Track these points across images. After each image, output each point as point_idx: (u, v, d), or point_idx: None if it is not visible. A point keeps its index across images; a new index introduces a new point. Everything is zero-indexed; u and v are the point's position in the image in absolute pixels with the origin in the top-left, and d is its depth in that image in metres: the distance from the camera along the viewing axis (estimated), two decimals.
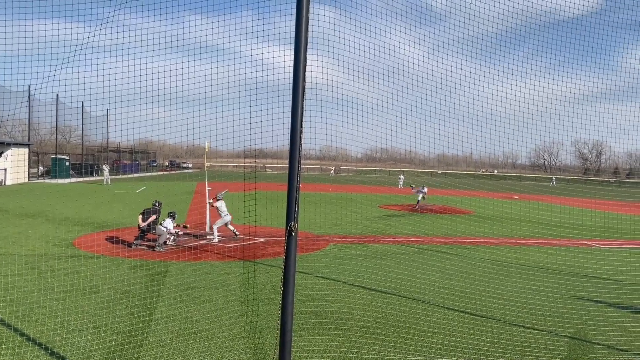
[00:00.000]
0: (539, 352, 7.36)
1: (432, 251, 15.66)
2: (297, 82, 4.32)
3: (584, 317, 9.26)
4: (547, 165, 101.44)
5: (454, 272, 12.51)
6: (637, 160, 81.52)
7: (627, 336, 8.19)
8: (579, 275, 12.71)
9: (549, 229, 21.65)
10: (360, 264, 13.13)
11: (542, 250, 16.86)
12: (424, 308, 9.43)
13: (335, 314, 8.82)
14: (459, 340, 7.77)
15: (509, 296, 10.43)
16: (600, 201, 40.89)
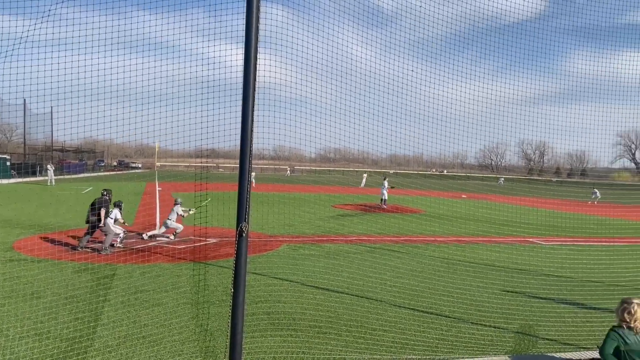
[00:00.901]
0: (486, 347, 7.59)
1: (384, 250, 15.88)
2: (248, 81, 4.28)
3: (528, 312, 9.63)
4: (494, 165, 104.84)
5: (405, 270, 12.73)
6: (577, 160, 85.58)
7: (567, 330, 8.57)
8: (524, 272, 13.21)
9: (495, 227, 22.41)
10: (313, 263, 13.15)
11: (489, 247, 17.42)
12: (375, 306, 9.55)
13: (287, 315, 8.79)
14: (409, 337, 7.91)
15: (457, 293, 10.71)
16: (543, 200, 42.73)
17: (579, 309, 10.06)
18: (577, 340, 7.98)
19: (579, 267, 13.76)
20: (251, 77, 4.28)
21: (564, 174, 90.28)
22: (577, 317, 9.42)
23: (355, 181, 63.02)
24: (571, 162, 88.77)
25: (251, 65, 4.28)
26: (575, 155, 77.67)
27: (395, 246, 16.80)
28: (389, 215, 27.56)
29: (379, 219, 25.30)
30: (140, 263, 12.55)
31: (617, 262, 14.65)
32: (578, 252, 16.92)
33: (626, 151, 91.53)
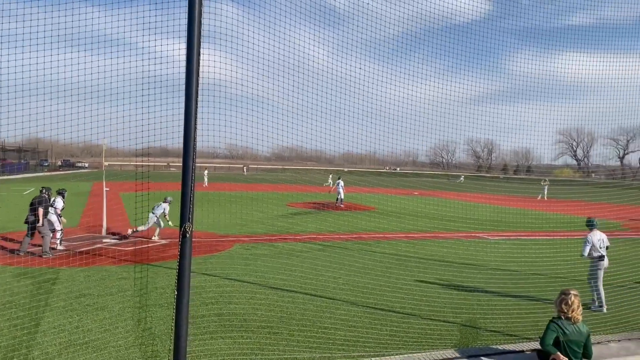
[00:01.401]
0: (435, 340, 7.73)
1: (337, 248, 15.96)
2: (191, 78, 4.16)
3: (476, 305, 9.90)
4: (444, 163, 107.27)
5: (357, 267, 12.82)
6: (522, 158, 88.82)
7: (512, 322, 8.85)
8: (471, 266, 13.59)
9: (444, 223, 22.96)
10: (266, 263, 13.04)
11: (438, 243, 17.82)
12: (327, 304, 9.56)
13: (239, 316, 8.67)
14: (361, 334, 7.96)
15: (408, 288, 10.88)
16: (490, 196, 44.14)
17: (523, 300, 10.42)
18: (521, 332, 8.26)
19: (522, 261, 14.27)
20: (194, 74, 4.16)
21: (510, 171, 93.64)
22: (521, 308, 9.75)
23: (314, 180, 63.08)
24: (517, 159, 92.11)
25: (194, 62, 4.16)
26: (520, 153, 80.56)
27: (348, 244, 16.91)
28: (341, 213, 27.73)
29: (332, 217, 25.42)
30: (84, 266, 12.07)
31: (557, 255, 15.28)
32: (522, 245, 17.57)
33: (567, 148, 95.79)
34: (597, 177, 73.11)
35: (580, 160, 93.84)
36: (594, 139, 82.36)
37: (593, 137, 79.50)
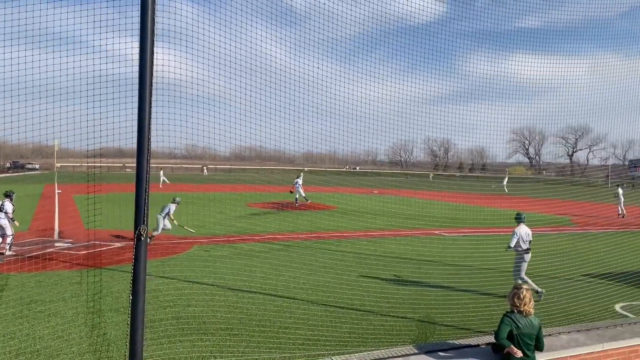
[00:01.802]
0: (393, 337, 7.86)
1: (297, 247, 15.97)
2: (144, 77, 4.08)
3: (433, 300, 10.11)
4: (403, 161, 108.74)
5: (317, 266, 12.87)
6: (477, 156, 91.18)
7: (468, 316, 9.09)
8: (429, 262, 13.86)
9: (403, 221, 23.33)
10: (226, 264, 12.91)
11: (397, 240, 18.09)
12: (288, 304, 9.56)
13: (198, 318, 8.56)
14: (321, 332, 8.00)
15: (367, 286, 11.01)
16: (446, 193, 45.15)
17: (478, 295, 10.72)
18: (477, 325, 8.50)
19: (477, 256, 14.66)
20: (147, 73, 4.08)
21: (466, 169, 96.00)
22: (477, 303, 10.02)
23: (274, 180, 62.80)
24: (472, 158, 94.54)
25: (147, 61, 4.08)
26: (475, 151, 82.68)
27: (308, 243, 16.94)
28: (302, 212, 27.74)
29: (292, 216, 25.39)
30: (35, 271, 11.62)
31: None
32: (476, 242, 18.05)
33: (520, 147, 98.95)
34: (548, 174, 75.97)
35: (532, 158, 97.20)
36: (544, 137, 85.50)
37: (544, 136, 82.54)
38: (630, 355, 6.18)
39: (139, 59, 4.09)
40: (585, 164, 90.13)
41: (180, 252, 14.55)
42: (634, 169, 64.30)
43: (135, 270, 4.16)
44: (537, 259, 14.15)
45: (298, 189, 31.99)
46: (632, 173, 64.22)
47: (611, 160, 74.12)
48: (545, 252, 15.59)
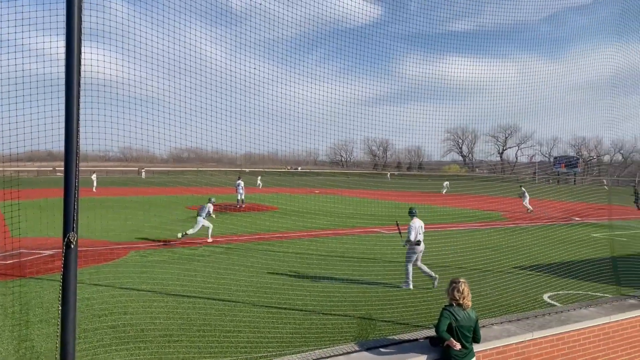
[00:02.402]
0: (335, 335, 7.93)
1: (239, 249, 15.79)
2: (71, 77, 3.89)
3: (374, 297, 10.30)
4: (343, 161, 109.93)
5: (259, 268, 12.78)
6: (414, 155, 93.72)
7: (407, 311, 9.33)
8: (369, 260, 14.11)
9: (344, 220, 23.60)
10: (164, 269, 12.55)
11: (338, 239, 18.28)
12: (230, 307, 9.43)
13: (135, 326, 8.27)
14: (263, 335, 7.95)
15: (309, 286, 11.05)
16: (385, 192, 46.13)
17: (417, 290, 11.03)
18: (416, 320, 8.73)
19: None
20: (74, 73, 3.89)
21: (404, 168, 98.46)
22: (415, 298, 10.31)
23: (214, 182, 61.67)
24: (410, 157, 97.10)
25: (74, 60, 3.89)
26: (412, 151, 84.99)
27: (250, 244, 16.79)
28: (244, 214, 27.47)
29: (233, 218, 25.06)
30: None
31: (447, 246, 16.33)
32: None
33: (454, 145, 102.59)
34: (480, 171, 79.30)
35: (465, 156, 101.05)
36: (477, 136, 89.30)
37: (476, 135, 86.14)
38: (558, 343, 6.56)
39: (65, 58, 3.89)
40: (514, 161, 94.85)
41: (115, 258, 14.00)
42: (558, 166, 68.32)
43: (64, 278, 3.96)
44: (470, 253, 14.75)
45: (239, 190, 31.65)
46: (556, 169, 68.22)
47: (538, 157, 78.32)
48: (478, 246, 16.26)
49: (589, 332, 6.84)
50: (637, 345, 7.41)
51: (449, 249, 15.27)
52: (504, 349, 6.03)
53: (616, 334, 7.16)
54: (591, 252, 14.76)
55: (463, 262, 13.66)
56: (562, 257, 14.33)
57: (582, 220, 25.53)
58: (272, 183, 55.37)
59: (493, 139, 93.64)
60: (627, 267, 12.13)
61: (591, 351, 6.89)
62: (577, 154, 76.01)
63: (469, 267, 13.23)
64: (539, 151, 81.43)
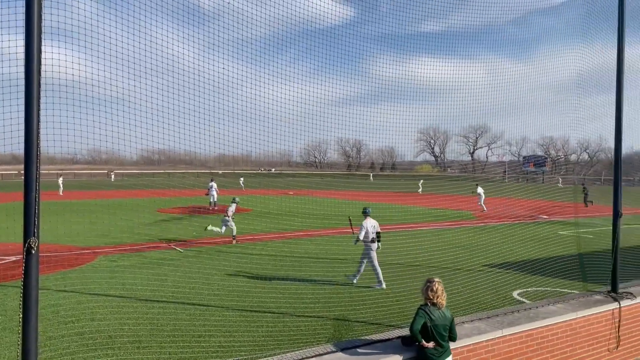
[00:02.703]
0: (309, 337, 7.90)
1: (212, 252, 15.61)
2: (30, 78, 3.76)
3: (348, 298, 10.30)
4: (317, 162, 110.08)
5: (232, 271, 12.65)
6: (387, 156, 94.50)
7: (379, 311, 9.36)
8: (343, 261, 14.11)
9: (319, 221, 23.57)
10: (134, 274, 12.30)
11: (312, 240, 18.26)
12: (201, 312, 9.29)
13: (103, 333, 8.07)
14: (236, 338, 7.86)
15: (282, 288, 10.99)
16: (359, 192, 46.36)
17: (390, 290, 11.08)
18: (389, 320, 8.77)
19: (388, 252, 15.12)
20: (34, 73, 3.76)
21: (377, 168, 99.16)
22: (388, 297, 10.36)
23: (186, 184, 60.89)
24: (383, 157, 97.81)
25: (34, 60, 3.75)
26: (385, 151, 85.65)
27: (223, 247, 16.62)
28: (215, 216, 27.16)
29: (205, 221, 24.77)
30: None
31: (417, 245, 16.49)
32: (388, 238, 18.65)
33: (426, 146, 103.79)
34: (452, 171, 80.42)
35: (437, 156, 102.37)
36: (448, 137, 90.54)
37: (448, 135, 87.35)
38: (527, 339, 6.67)
39: (24, 58, 3.76)
40: (485, 161, 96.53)
41: (83, 263, 13.66)
42: (527, 165, 69.82)
43: (25, 285, 3.82)
44: (441, 252, 14.92)
45: (212, 192, 31.31)
46: (525, 168, 69.72)
47: (507, 156, 79.94)
48: (449, 245, 16.48)
49: (556, 328, 6.98)
50: (603, 340, 7.60)
51: (421, 248, 15.42)
52: (474, 346, 6.10)
53: (583, 329, 7.32)
54: (559, 249, 15.12)
55: (434, 261, 13.80)
56: (530, 255, 14.63)
57: (550, 219, 26.15)
58: (247, 185, 55.02)
59: (464, 139, 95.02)
60: (593, 264, 12.44)
61: (559, 347, 7.03)
62: (545, 154, 77.86)
63: (440, 266, 13.39)
64: (509, 151, 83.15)
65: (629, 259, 11.13)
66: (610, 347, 7.70)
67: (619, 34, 8.28)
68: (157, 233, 19.82)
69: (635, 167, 66.79)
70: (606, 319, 7.65)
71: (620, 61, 8.27)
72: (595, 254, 14.46)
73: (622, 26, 8.25)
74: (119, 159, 52.21)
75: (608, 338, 7.68)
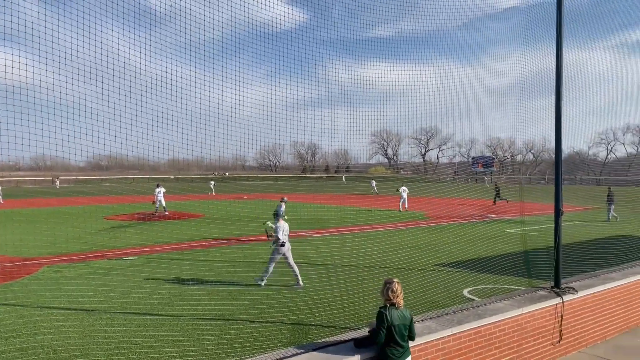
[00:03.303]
0: (263, 343, 7.81)
1: (161, 260, 15.20)
2: None
3: (302, 302, 10.27)
4: (272, 165, 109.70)
5: (184, 278, 12.37)
6: (342, 158, 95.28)
7: (334, 314, 9.38)
8: (298, 264, 14.05)
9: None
10: (81, 285, 11.83)
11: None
12: (151, 321, 9.04)
13: (47, 347, 7.71)
14: (187, 347, 7.68)
15: (236, 294, 10.85)
16: (315, 195, 46.48)
17: (344, 292, 11.13)
18: (344, 322, 8.79)
19: (342, 254, 15.23)
20: None
21: (332, 171, 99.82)
22: (343, 299, 10.39)
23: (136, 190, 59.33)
24: (337, 160, 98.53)
25: None
26: (340, 154, 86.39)
27: (174, 254, 16.24)
28: (167, 222, 26.56)
29: (156, 227, 24.18)
30: None
31: (372, 247, 16.67)
32: (343, 240, 18.79)
33: (380, 148, 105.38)
34: (405, 172, 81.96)
35: (390, 158, 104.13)
36: (400, 139, 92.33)
37: (400, 138, 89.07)
38: (475, 336, 6.84)
39: None
40: (436, 162, 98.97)
41: (25, 275, 13.02)
42: (475, 165, 72.02)
43: None
44: (394, 252, 15.15)
45: (159, 197, 30.69)
46: (474, 169, 71.89)
47: (457, 158, 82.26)
48: (402, 246, 16.76)
49: (503, 324, 7.20)
50: (547, 334, 7.90)
51: (375, 250, 15.59)
52: (425, 345, 6.20)
53: (528, 324, 7.59)
54: (506, 247, 15.63)
55: (388, 262, 13.99)
56: (480, 253, 15.06)
57: (498, 217, 27.05)
58: (200, 189, 54.10)
59: (416, 141, 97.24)
60: (538, 260, 12.94)
61: (506, 342, 7.25)
62: (493, 154, 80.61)
63: (393, 266, 13.58)
64: (459, 152, 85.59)
65: (571, 255, 11.65)
66: (554, 340, 8.02)
67: (558, 40, 8.66)
68: (105, 241, 19.15)
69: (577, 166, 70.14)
70: (550, 314, 7.96)
71: (559, 66, 8.65)
72: (540, 251, 15.04)
73: (560, 33, 8.63)
74: (65, 164, 50.07)
75: (552, 332, 7.99)
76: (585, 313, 8.63)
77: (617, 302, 9.33)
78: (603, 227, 23.35)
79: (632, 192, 31.81)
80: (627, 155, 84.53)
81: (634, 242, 13.51)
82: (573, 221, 25.62)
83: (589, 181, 71.08)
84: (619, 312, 9.37)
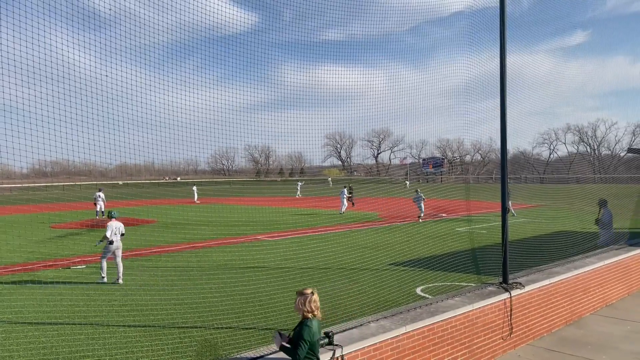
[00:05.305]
0: (218, 349, 7.71)
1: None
2: None
3: (257, 306, 10.20)
4: (225, 169, 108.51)
5: (135, 286, 12.06)
6: (296, 161, 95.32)
7: (291, 318, 9.35)
8: (253, 269, 13.98)
9: (228, 229, 23.18)
10: (25, 296, 11.30)
11: (223, 249, 17.89)
12: (101, 331, 8.75)
13: None
14: (138, 357, 7.49)
15: (190, 301, 10.65)
16: (269, 198, 46.26)
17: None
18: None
19: (299, 257, 15.25)
20: None
21: (286, 174, 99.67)
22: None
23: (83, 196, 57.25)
24: (292, 163, 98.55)
25: None
26: (294, 156, 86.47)
27: (125, 262, 15.75)
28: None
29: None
30: None
31: (327, 248, 16.77)
32: (298, 243, 18.80)
33: (333, 150, 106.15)
34: (358, 174, 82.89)
35: (344, 160, 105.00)
36: (353, 141, 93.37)
37: (353, 140, 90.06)
38: (429, 333, 7.00)
39: None
40: (388, 163, 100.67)
41: None
42: (426, 166, 73.67)
43: None
44: (349, 253, 15.30)
45: (100, 202, 29.91)
46: (424, 170, 73.52)
47: (409, 159, 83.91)
48: (357, 246, 16.94)
49: (455, 320, 7.40)
50: (497, 329, 8.18)
51: (330, 251, 15.68)
52: (380, 345, 6.29)
53: (479, 319, 7.83)
54: (456, 245, 16.09)
55: (342, 263, 14.10)
56: (432, 252, 15.42)
57: (449, 216, 27.79)
58: (151, 195, 52.82)
59: (368, 143, 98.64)
60: (486, 257, 13.39)
61: (458, 338, 7.46)
62: (443, 155, 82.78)
63: (348, 266, 13.70)
64: (410, 154, 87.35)
65: (518, 251, 12.10)
66: (504, 334, 8.31)
67: (501, 44, 9.00)
68: (51, 250, 18.37)
69: (522, 165, 72.97)
70: (499, 309, 8.25)
71: (503, 69, 9.00)
72: (488, 248, 15.58)
73: (504, 37, 8.98)
74: (6, 171, 47.83)
75: (502, 326, 8.28)
76: (533, 307, 8.99)
77: (562, 295, 9.78)
78: (547, 224, 24.40)
79: (572, 189, 33.36)
80: (568, 154, 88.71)
81: (574, 237, 14.20)
82: (519, 218, 26.63)
83: (534, 180, 74.21)
84: (564, 304, 9.83)
